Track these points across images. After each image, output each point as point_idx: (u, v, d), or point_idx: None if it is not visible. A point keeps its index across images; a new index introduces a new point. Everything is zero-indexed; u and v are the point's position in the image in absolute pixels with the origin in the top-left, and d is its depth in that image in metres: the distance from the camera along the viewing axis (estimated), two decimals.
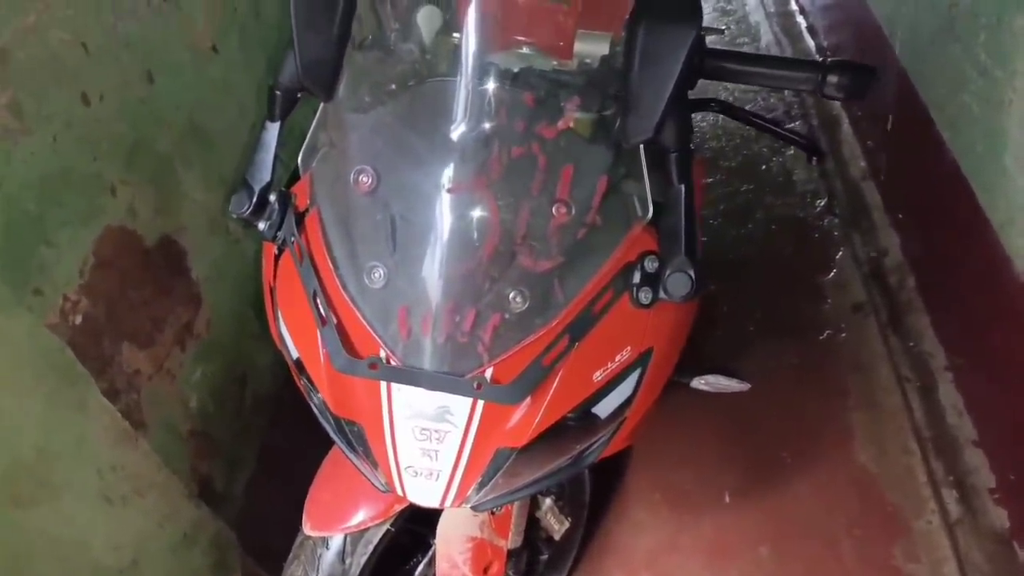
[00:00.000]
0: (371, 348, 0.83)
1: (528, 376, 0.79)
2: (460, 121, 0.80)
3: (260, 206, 0.90)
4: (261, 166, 0.90)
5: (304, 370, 0.88)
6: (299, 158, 0.92)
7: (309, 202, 0.91)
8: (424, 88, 0.87)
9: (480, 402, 0.80)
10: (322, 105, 0.90)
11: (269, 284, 0.94)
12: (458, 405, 0.81)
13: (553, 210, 0.79)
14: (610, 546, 1.56)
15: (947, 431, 1.59)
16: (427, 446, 0.82)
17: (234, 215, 0.90)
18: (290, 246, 0.89)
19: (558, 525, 1.20)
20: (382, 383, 0.82)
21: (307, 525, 1.05)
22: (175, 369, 1.33)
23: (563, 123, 0.81)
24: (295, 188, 0.93)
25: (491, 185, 0.79)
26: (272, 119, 0.91)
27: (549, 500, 1.19)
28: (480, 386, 0.79)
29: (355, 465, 0.90)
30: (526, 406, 0.81)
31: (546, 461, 0.87)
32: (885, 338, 1.82)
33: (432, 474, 0.82)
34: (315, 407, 0.91)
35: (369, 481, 0.89)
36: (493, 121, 0.80)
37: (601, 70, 0.89)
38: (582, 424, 0.85)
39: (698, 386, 1.13)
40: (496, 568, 1.08)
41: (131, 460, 1.18)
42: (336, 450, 1.07)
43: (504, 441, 0.82)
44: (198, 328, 1.40)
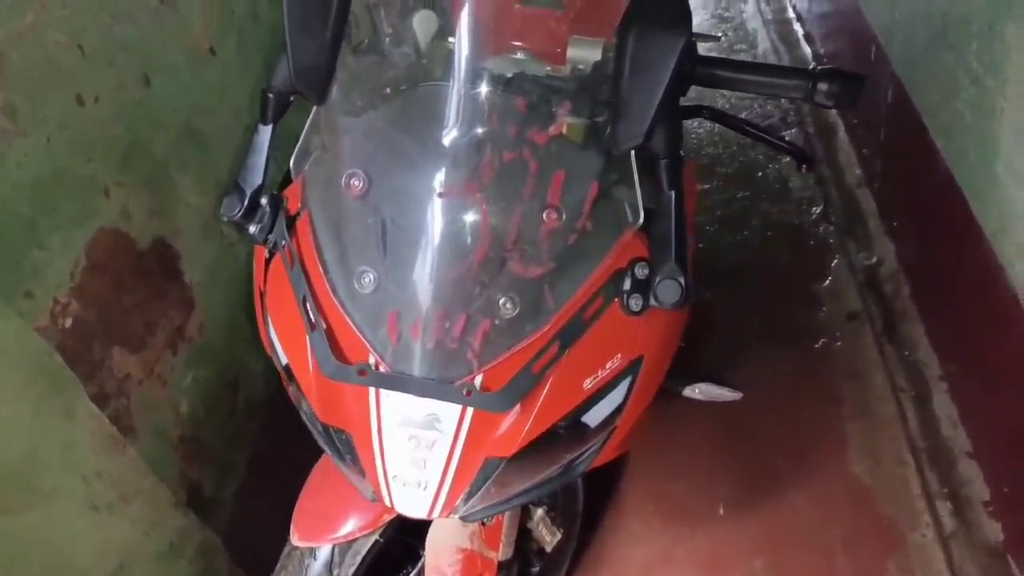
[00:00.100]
0: (360, 354, 0.82)
1: (518, 383, 0.79)
2: (452, 126, 0.79)
3: (251, 209, 0.90)
4: (253, 169, 0.90)
5: (293, 376, 0.88)
6: (291, 161, 0.92)
7: (301, 205, 0.90)
8: (417, 92, 0.87)
9: (469, 409, 0.80)
10: (315, 108, 0.90)
11: (259, 288, 0.94)
12: (447, 412, 0.80)
13: (544, 215, 0.79)
14: (603, 558, 1.54)
15: (942, 442, 1.59)
16: (415, 454, 0.81)
17: (225, 218, 0.90)
18: (281, 250, 0.88)
19: (550, 536, 1.18)
20: (371, 389, 0.82)
21: (295, 535, 1.04)
22: (166, 374, 1.32)
23: (554, 129, 0.81)
24: (287, 191, 0.93)
25: (482, 190, 0.78)
26: (264, 122, 0.91)
27: (541, 510, 1.18)
28: (469, 393, 0.78)
29: (344, 474, 0.89)
30: (515, 414, 0.81)
31: (536, 470, 0.87)
32: (880, 347, 1.81)
33: (420, 483, 0.82)
34: (304, 414, 0.91)
35: (358, 490, 0.88)
36: (485, 126, 0.80)
37: (593, 76, 0.89)
38: (572, 433, 0.85)
39: (690, 395, 1.13)
40: None
41: (118, 466, 1.17)
42: (325, 459, 1.06)
43: (493, 450, 0.81)
44: (190, 332, 1.40)
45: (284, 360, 0.89)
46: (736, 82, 0.90)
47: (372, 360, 0.81)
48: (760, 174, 2.33)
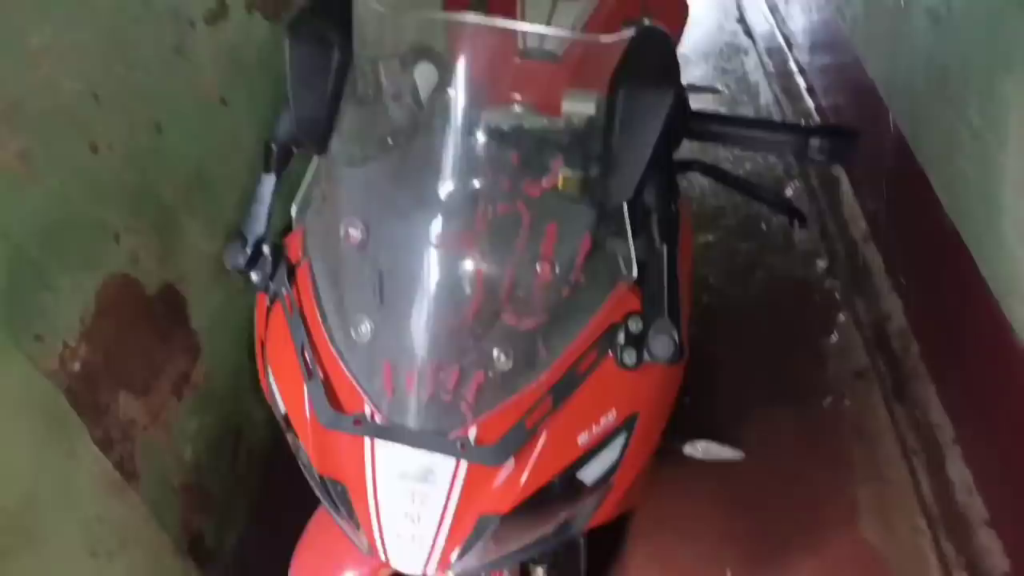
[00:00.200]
0: (357, 404, 0.82)
1: (511, 437, 0.78)
2: (448, 178, 0.81)
3: (254, 257, 0.91)
4: (256, 218, 0.92)
5: (291, 425, 0.88)
6: (293, 210, 0.93)
7: (301, 254, 0.92)
8: (414, 145, 0.89)
9: (463, 463, 0.79)
10: (316, 159, 0.91)
11: (260, 336, 0.95)
12: (441, 465, 0.80)
13: (537, 268, 0.80)
14: None
15: (957, 509, 1.52)
16: (410, 508, 0.80)
17: (228, 266, 0.91)
18: (281, 298, 0.89)
19: None
20: (366, 440, 0.81)
21: None
22: (171, 419, 1.32)
23: (547, 182, 0.82)
24: (288, 240, 0.94)
25: (476, 242, 0.79)
26: (268, 172, 0.92)
27: (541, 569, 1.15)
28: (464, 446, 0.78)
29: (340, 526, 0.88)
30: (509, 469, 0.80)
31: (532, 528, 0.85)
32: (889, 407, 1.77)
33: (414, 538, 0.81)
34: (302, 464, 0.90)
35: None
36: (479, 179, 0.81)
37: (587, 129, 0.90)
38: (568, 490, 0.84)
39: (691, 453, 1.11)
40: None
41: (119, 512, 1.17)
42: (323, 509, 1.05)
43: (488, 506, 0.80)
44: (195, 378, 1.40)
45: (283, 409, 0.89)
46: (729, 137, 0.91)
47: (368, 410, 0.81)
48: (764, 227, 2.33)
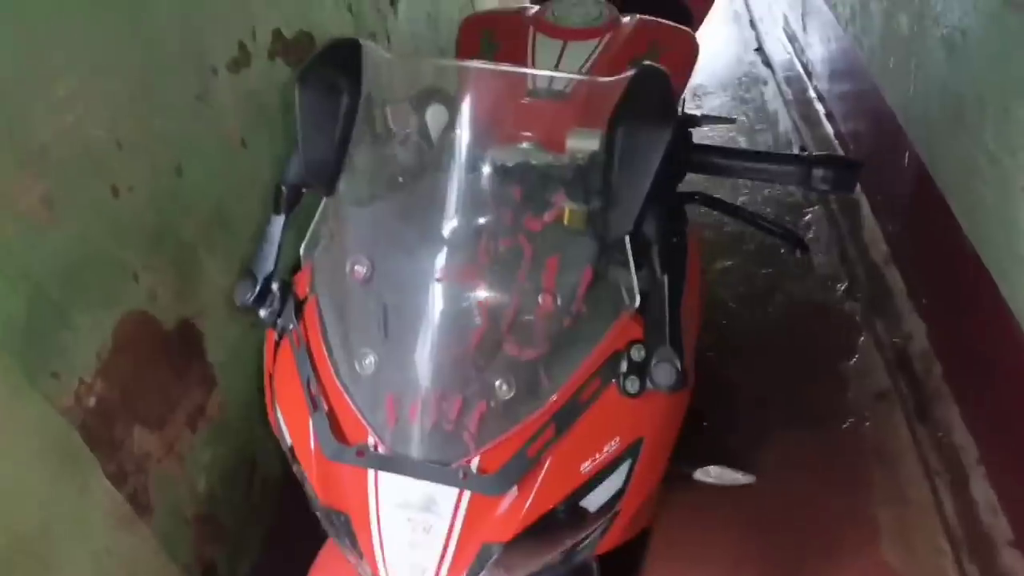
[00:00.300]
0: (360, 435, 0.83)
1: (513, 466, 0.79)
2: (451, 214, 0.83)
3: (262, 294, 0.93)
4: (266, 257, 0.94)
5: (296, 458, 0.89)
6: (302, 249, 0.96)
7: (309, 290, 0.94)
8: (420, 183, 0.91)
9: (466, 493, 0.80)
10: (324, 199, 0.94)
11: (269, 371, 0.97)
12: (444, 495, 0.80)
13: (539, 299, 0.81)
14: None
15: (981, 530, 1.50)
16: (413, 538, 0.81)
17: (237, 303, 0.94)
18: (289, 334, 0.91)
19: None
20: (369, 471, 0.82)
21: None
22: (185, 452, 1.34)
23: (549, 216, 0.84)
24: (296, 277, 0.97)
25: (479, 275, 0.81)
26: (277, 212, 0.95)
27: None
28: (466, 476, 0.79)
29: (345, 556, 0.89)
30: (512, 498, 0.80)
31: (536, 556, 0.85)
32: (912, 428, 1.75)
33: (417, 567, 0.81)
34: (308, 496, 0.91)
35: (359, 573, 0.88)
36: (482, 215, 0.83)
37: (590, 165, 0.91)
38: (571, 517, 0.84)
39: (702, 478, 1.10)
40: None
41: (129, 545, 1.18)
42: (331, 541, 1.06)
43: (491, 535, 0.81)
44: (210, 411, 1.42)
45: (288, 441, 0.90)
46: (732, 169, 0.92)
47: (371, 441, 0.82)
48: (783, 251, 2.32)
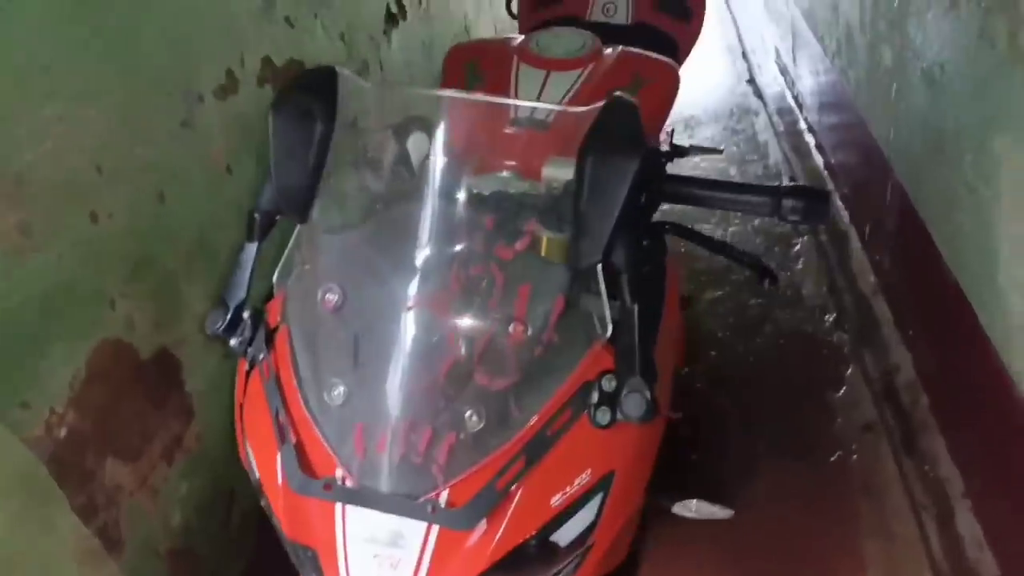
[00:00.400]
0: (329, 468, 0.82)
1: (482, 500, 0.78)
2: (423, 242, 0.82)
3: (233, 323, 0.93)
4: (238, 285, 0.94)
5: (263, 492, 0.87)
6: (274, 277, 0.95)
7: (280, 319, 0.93)
8: (392, 211, 0.91)
9: (434, 527, 0.78)
10: (298, 227, 0.94)
11: (240, 401, 0.95)
12: (411, 529, 0.79)
13: (510, 328, 0.80)
14: None
15: (967, 565, 1.48)
16: (380, 574, 0.79)
17: (208, 331, 0.93)
18: (259, 363, 0.90)
19: None
20: (337, 505, 0.81)
21: None
22: (159, 484, 1.32)
23: (520, 244, 0.84)
24: (268, 306, 0.96)
25: (448, 304, 0.80)
26: (250, 240, 0.95)
27: None
28: (434, 509, 0.77)
29: None
30: (481, 532, 0.79)
31: None
32: (898, 460, 1.73)
33: None
34: (276, 531, 0.90)
35: None
36: (454, 243, 0.82)
37: (563, 194, 0.91)
38: (542, 552, 0.82)
39: (681, 512, 1.08)
40: None
41: None
42: None
43: (459, 571, 0.79)
44: (187, 442, 1.40)
45: (256, 474, 0.89)
46: (704, 199, 0.92)
47: (339, 474, 0.81)
48: (767, 281, 2.32)
